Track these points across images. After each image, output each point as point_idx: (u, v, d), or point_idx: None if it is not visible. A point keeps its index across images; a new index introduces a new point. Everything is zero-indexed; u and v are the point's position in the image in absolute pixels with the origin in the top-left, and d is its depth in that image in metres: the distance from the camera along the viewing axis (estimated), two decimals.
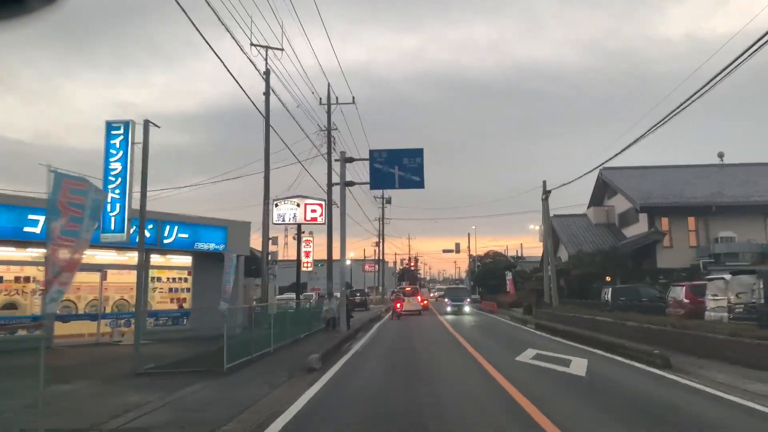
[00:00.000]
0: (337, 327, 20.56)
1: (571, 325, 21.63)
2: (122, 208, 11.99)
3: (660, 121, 15.67)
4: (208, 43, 11.88)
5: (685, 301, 17.91)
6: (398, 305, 30.41)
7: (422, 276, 54.02)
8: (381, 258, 59.22)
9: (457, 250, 57.62)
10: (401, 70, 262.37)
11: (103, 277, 16.40)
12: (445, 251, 57.42)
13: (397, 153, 20.09)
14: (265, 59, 24.43)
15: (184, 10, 9.99)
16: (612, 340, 14.85)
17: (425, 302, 39.96)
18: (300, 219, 28.34)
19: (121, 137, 12.19)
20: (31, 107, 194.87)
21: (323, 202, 28.02)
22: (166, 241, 17.22)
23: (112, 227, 11.94)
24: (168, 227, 17.25)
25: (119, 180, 12.07)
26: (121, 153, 12.14)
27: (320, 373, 10.48)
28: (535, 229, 61.02)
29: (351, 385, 9.41)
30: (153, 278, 18.15)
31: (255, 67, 21.92)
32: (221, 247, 18.42)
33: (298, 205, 28.52)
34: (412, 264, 58.87)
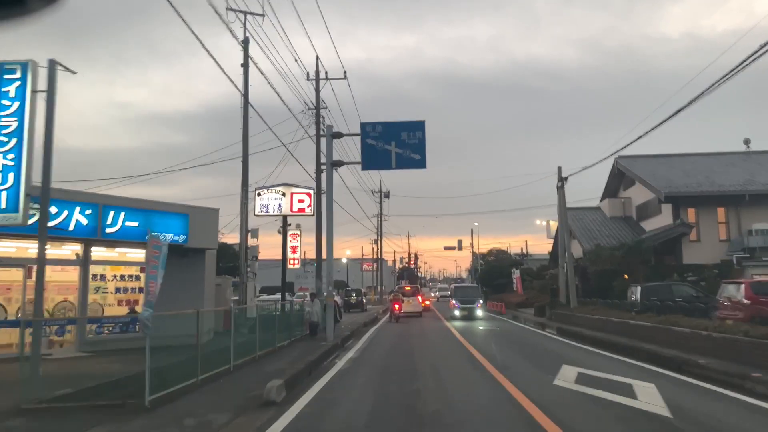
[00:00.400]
0: (320, 334, 17.36)
1: (599, 330, 18.46)
2: (17, 179, 8.77)
3: (687, 105, 14.58)
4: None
5: (745, 301, 14.75)
6: (397, 306, 27.18)
7: (422, 275, 50.31)
8: (379, 256, 56.00)
9: (459, 247, 54.45)
10: (399, 67, 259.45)
11: (27, 275, 13.17)
12: (446, 248, 54.27)
13: (393, 127, 16.88)
14: (244, 25, 21.32)
15: None
16: (668, 353, 11.68)
17: (426, 303, 36.80)
18: (285, 210, 25.13)
19: (18, 83, 8.97)
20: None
21: (311, 191, 24.81)
22: (109, 230, 13.99)
23: (3, 205, 8.72)
24: (112, 213, 14.03)
25: (12, 142, 8.85)
26: (16, 105, 8.92)
27: (280, 410, 7.27)
28: (542, 224, 57.88)
29: None
30: (96, 276, 14.94)
31: (233, 35, 18.89)
32: (181, 238, 15.20)
33: (284, 194, 25.30)
34: (411, 262, 54.95)
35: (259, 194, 25.43)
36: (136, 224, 14.31)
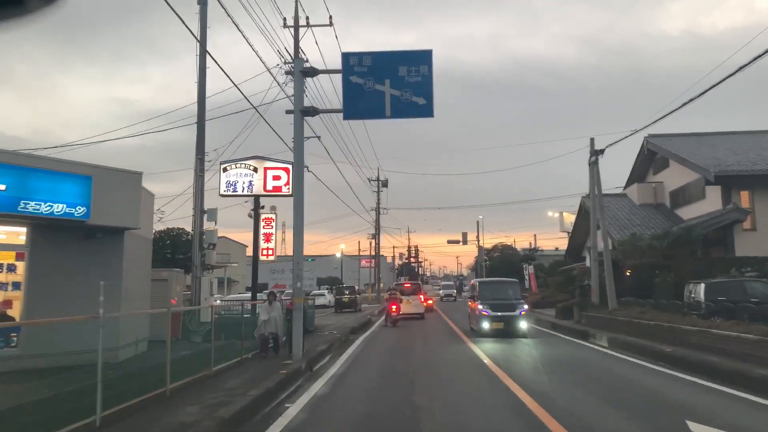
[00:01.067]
0: (283, 351, 12.63)
1: (664, 343, 13.75)
2: None
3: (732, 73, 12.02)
4: None
5: None
6: (394, 307, 22.38)
7: (424, 273, 44.98)
8: (377, 251, 51.25)
9: (464, 241, 49.65)
10: None
11: None
12: (450, 242, 49.52)
13: (388, 58, 12.12)
14: None
15: None
16: None
17: (429, 302, 32.09)
18: (258, 189, 20.41)
19: None
20: (28, 103, 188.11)
21: (289, 166, 20.07)
22: None
23: None
24: None
25: None
26: None
27: None
28: (553, 216, 53.13)
29: None
30: None
31: None
32: (79, 210, 10.46)
33: (255, 169, 20.56)
34: (412, 258, 49.59)
35: (225, 169, 20.74)
36: (2, 187, 9.57)
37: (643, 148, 32.77)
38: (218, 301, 23.42)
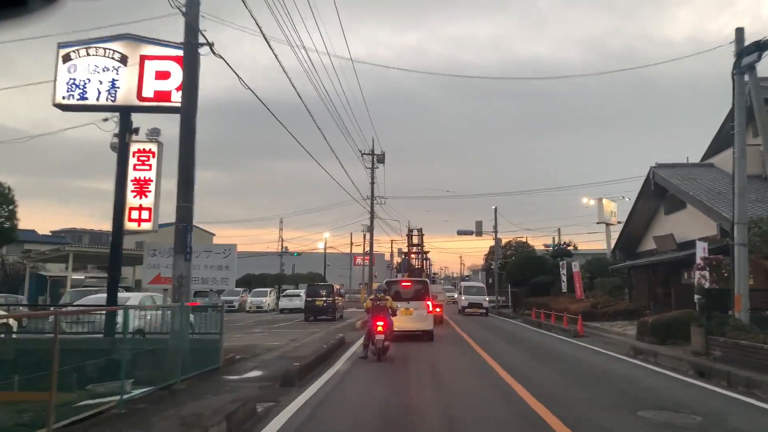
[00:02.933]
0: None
1: None
2: None
3: None
4: None
5: None
6: (378, 323, 11.98)
7: (430, 267, 33.76)
8: (371, 243, 41.32)
9: (478, 231, 39.69)
10: (401, 64, 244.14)
11: None
12: (460, 232, 39.68)
13: None
14: None
15: None
16: None
17: (437, 310, 21.72)
18: (128, 96, 10.79)
19: None
20: (28, 96, 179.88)
21: (182, 53, 10.29)
22: None
23: None
24: None
25: None
26: None
27: None
28: (589, 204, 43.27)
29: None
30: None
31: None
32: None
33: (124, 59, 10.89)
34: (411, 254, 37.06)
35: (68, 58, 11.10)
36: None
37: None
38: None
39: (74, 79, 10.94)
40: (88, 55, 11.01)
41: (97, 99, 10.91)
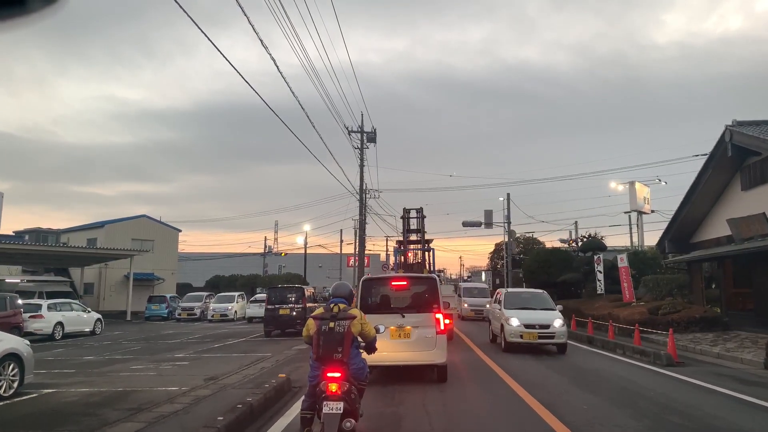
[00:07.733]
0: None
1: None
2: None
3: None
4: None
5: None
6: (332, 380, 5.06)
7: (432, 261, 27.83)
8: (361, 239, 34.84)
9: (488, 222, 33.06)
10: (392, 69, 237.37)
11: None
12: (466, 224, 33.20)
13: None
14: None
15: None
16: None
17: (447, 321, 11.04)
18: None
19: None
20: (19, 99, 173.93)
21: None
22: None
23: None
24: None
25: None
26: None
27: None
28: (622, 189, 36.89)
29: None
30: None
31: None
32: None
33: None
34: (410, 237, 28.45)
35: None
36: None
37: None
38: None
39: None
40: None
41: None
